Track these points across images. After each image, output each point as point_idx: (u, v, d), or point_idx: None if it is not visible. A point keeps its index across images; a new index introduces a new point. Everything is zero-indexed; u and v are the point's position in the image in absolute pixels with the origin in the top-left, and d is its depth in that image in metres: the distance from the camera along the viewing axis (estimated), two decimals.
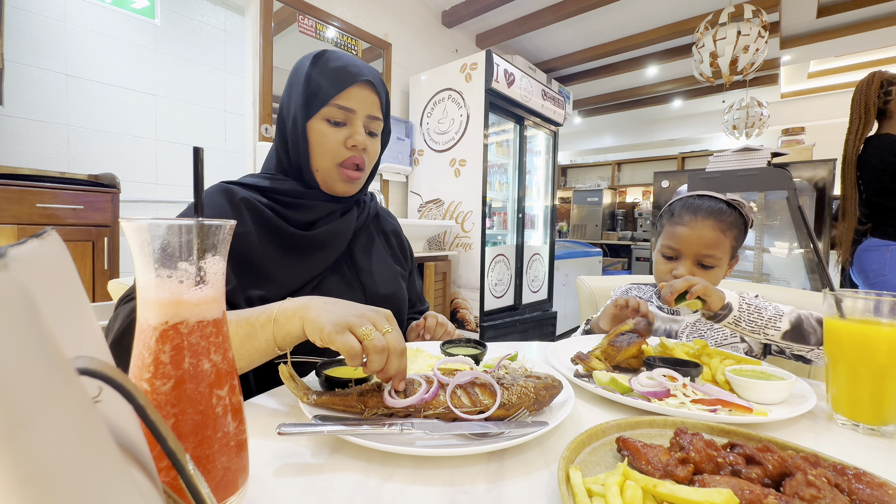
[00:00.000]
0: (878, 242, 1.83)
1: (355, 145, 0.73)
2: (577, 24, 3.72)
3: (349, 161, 0.74)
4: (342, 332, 0.45)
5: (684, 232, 0.87)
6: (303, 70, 0.72)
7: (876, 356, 0.50)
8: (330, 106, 0.71)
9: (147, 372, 0.31)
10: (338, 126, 0.73)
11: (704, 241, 0.85)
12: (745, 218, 0.89)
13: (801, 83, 5.15)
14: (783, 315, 0.71)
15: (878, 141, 1.80)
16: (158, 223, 0.29)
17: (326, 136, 0.72)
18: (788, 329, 0.70)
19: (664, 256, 0.91)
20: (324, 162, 0.73)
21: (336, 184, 0.75)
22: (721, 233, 0.86)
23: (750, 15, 2.55)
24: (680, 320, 0.91)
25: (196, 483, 0.20)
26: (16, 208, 1.61)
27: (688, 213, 0.89)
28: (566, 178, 8.34)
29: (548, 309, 3.46)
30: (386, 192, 3.10)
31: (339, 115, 0.72)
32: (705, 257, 0.86)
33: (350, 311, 0.48)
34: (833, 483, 0.32)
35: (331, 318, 0.47)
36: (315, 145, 0.73)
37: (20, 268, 0.14)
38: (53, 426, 0.12)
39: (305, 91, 0.71)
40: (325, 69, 0.72)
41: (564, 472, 0.34)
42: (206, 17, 3.06)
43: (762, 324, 0.71)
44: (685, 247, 0.87)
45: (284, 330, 0.51)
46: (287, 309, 0.51)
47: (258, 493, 0.35)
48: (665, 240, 0.91)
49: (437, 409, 0.46)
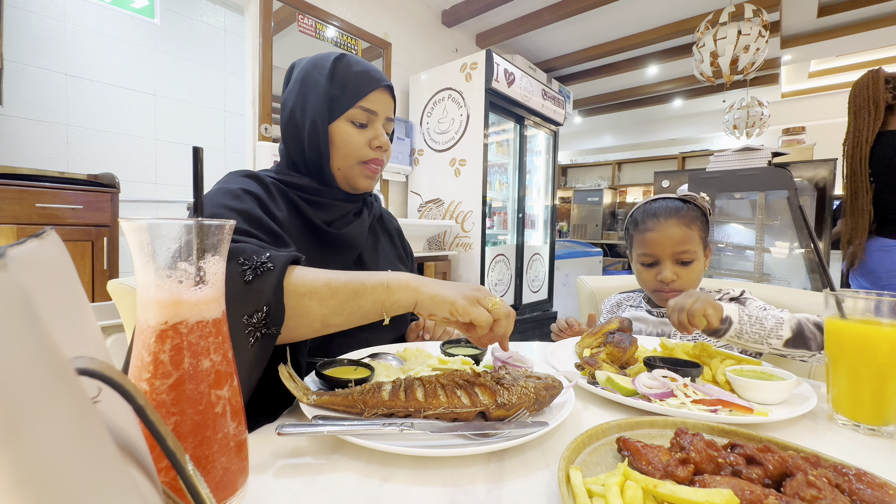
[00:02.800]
0: (889, 243, 1.80)
1: (380, 146, 0.77)
2: (577, 24, 3.72)
3: (372, 161, 0.77)
4: (474, 305, 0.53)
5: (654, 237, 0.91)
6: (320, 74, 0.74)
7: (876, 356, 0.50)
8: (356, 108, 0.74)
9: (146, 372, 0.31)
10: (362, 128, 0.76)
11: (676, 240, 0.89)
12: (703, 209, 0.93)
13: (802, 83, 5.15)
14: (783, 323, 0.70)
15: (893, 137, 1.78)
16: (158, 223, 0.29)
17: (352, 137, 0.75)
18: (790, 337, 0.69)
19: (643, 265, 0.93)
20: (347, 161, 0.76)
21: (359, 180, 0.78)
22: (687, 227, 0.90)
23: (750, 14, 2.55)
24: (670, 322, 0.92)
25: (196, 483, 0.20)
26: (15, 208, 1.61)
27: (651, 219, 0.92)
28: (566, 177, 8.34)
29: (548, 309, 3.46)
30: (386, 192, 3.10)
31: (363, 117, 0.75)
32: (681, 254, 0.89)
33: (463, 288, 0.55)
34: (834, 483, 0.32)
35: (456, 294, 0.53)
36: (340, 145, 0.75)
37: (20, 268, 0.14)
38: (53, 426, 0.12)
39: (328, 94, 0.73)
40: (349, 73, 0.74)
41: (565, 473, 0.34)
42: (206, 17, 3.05)
43: (765, 334, 0.70)
44: (660, 250, 0.90)
45: (395, 297, 0.55)
46: (400, 279, 0.56)
47: (258, 493, 0.35)
48: (639, 249, 0.94)
49: (436, 409, 0.46)
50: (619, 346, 0.67)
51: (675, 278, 0.89)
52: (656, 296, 0.93)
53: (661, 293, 0.91)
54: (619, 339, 0.68)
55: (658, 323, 0.95)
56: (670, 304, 0.73)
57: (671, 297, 0.80)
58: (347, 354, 0.65)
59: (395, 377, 0.53)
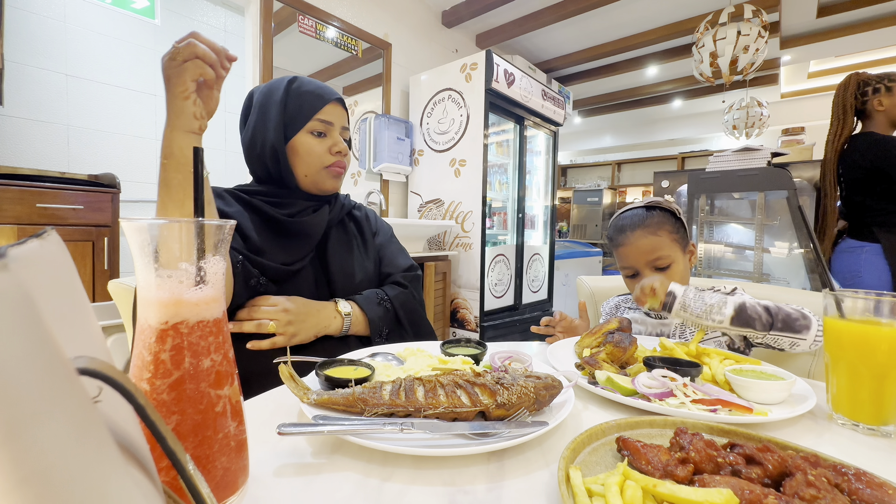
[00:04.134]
0: (854, 244, 1.84)
1: (340, 151, 0.87)
2: (577, 24, 3.72)
3: (335, 164, 0.87)
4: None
5: (626, 251, 0.94)
6: (275, 98, 0.83)
7: (876, 356, 0.50)
8: (314, 121, 0.84)
9: (147, 372, 0.31)
10: (321, 137, 0.86)
11: (644, 250, 0.92)
12: (671, 211, 0.95)
13: (801, 83, 5.15)
14: (728, 302, 0.74)
15: (860, 139, 1.85)
16: (159, 223, 0.29)
17: (314, 147, 0.85)
18: (733, 314, 0.73)
19: (626, 276, 0.98)
20: (312, 168, 0.86)
21: (326, 182, 0.88)
22: (653, 235, 0.92)
23: (750, 15, 2.55)
24: (668, 323, 0.94)
25: (196, 483, 0.20)
26: (16, 208, 1.61)
27: (620, 234, 0.96)
28: (566, 178, 8.34)
29: (548, 309, 3.46)
30: (386, 192, 3.10)
31: (320, 127, 0.85)
32: (655, 261, 0.91)
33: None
34: (833, 483, 0.32)
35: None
36: (304, 154, 0.84)
37: (20, 268, 0.14)
38: (54, 426, 0.12)
39: (284, 113, 0.83)
40: (301, 92, 0.84)
41: (564, 472, 0.34)
42: (206, 17, 3.06)
43: (706, 310, 0.74)
44: (633, 262, 0.93)
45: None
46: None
47: (258, 493, 0.35)
48: (619, 262, 0.98)
49: (436, 408, 0.46)
50: (619, 345, 0.67)
51: None
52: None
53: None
54: (618, 339, 0.68)
55: (656, 324, 0.95)
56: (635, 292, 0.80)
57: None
58: (347, 354, 0.65)
59: (395, 377, 0.53)
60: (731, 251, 2.50)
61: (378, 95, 3.09)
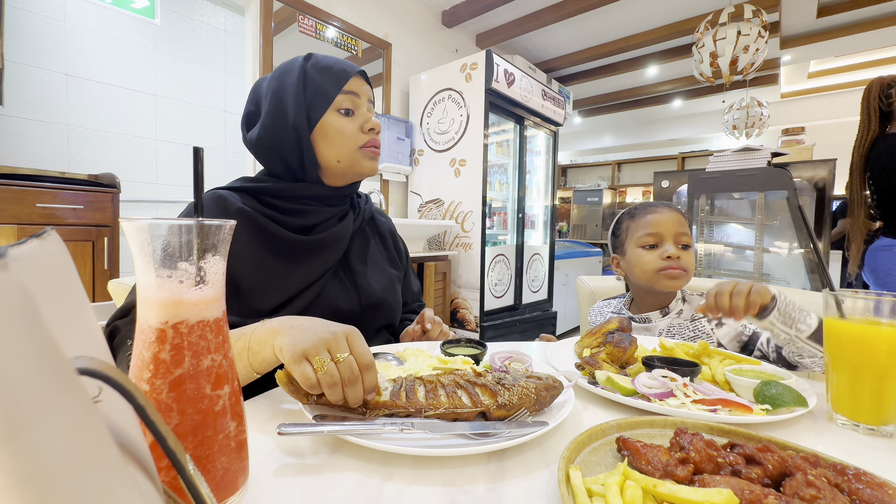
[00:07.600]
0: (889, 242, 1.86)
1: (373, 128, 0.77)
2: (577, 24, 3.72)
3: (370, 144, 0.78)
4: (299, 363, 0.45)
5: (658, 217, 0.93)
6: (290, 79, 0.74)
7: (876, 356, 0.50)
8: (341, 95, 0.74)
9: (147, 372, 0.31)
10: (349, 115, 0.76)
11: (679, 221, 0.93)
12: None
13: (801, 83, 5.15)
14: (810, 312, 0.70)
15: (887, 141, 1.87)
16: (158, 223, 0.29)
17: (344, 126, 0.75)
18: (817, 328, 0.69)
19: (645, 248, 0.94)
20: (345, 150, 0.76)
21: (364, 165, 0.78)
22: (683, 216, 0.94)
23: (750, 15, 2.55)
24: (652, 327, 0.94)
25: (196, 483, 0.20)
26: (16, 208, 1.61)
27: (645, 208, 0.97)
28: (566, 178, 8.34)
29: (548, 309, 3.46)
30: (386, 192, 3.10)
31: (348, 102, 0.75)
32: (681, 236, 0.92)
33: (310, 336, 0.47)
34: (833, 483, 0.32)
35: (290, 345, 0.47)
36: (334, 137, 0.75)
37: (20, 268, 0.14)
38: (53, 426, 0.12)
39: (305, 93, 0.74)
40: (321, 67, 0.75)
41: (564, 472, 0.34)
42: (206, 17, 3.05)
43: (797, 317, 0.69)
44: (665, 229, 0.92)
45: (259, 357, 0.52)
46: (260, 336, 0.52)
47: (258, 493, 0.35)
48: (640, 231, 0.95)
49: (437, 409, 0.46)
50: (619, 345, 0.67)
51: (679, 255, 0.90)
52: (659, 276, 0.91)
53: (667, 271, 0.89)
54: (618, 339, 0.68)
55: (639, 329, 0.94)
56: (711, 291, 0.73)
57: (677, 274, 0.89)
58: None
59: (395, 377, 0.53)
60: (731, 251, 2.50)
61: (378, 95, 3.09)
